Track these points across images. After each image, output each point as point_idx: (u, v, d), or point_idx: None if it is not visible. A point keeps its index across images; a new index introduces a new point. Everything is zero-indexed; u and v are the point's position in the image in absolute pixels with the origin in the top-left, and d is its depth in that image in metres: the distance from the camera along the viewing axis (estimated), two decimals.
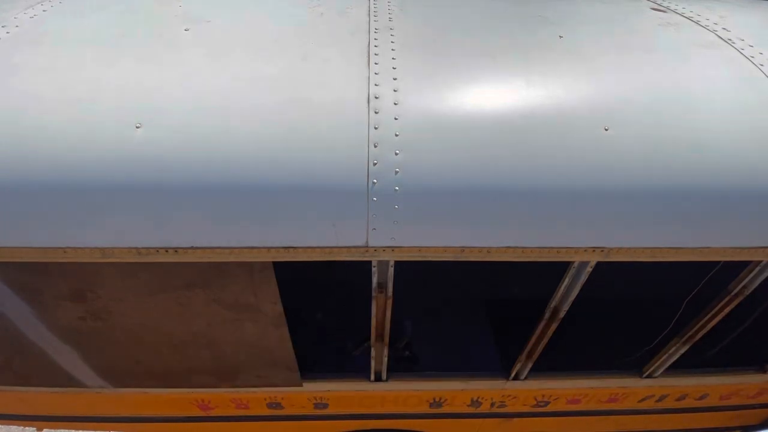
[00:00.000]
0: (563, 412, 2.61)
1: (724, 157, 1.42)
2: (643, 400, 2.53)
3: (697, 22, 1.84)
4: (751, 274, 1.73)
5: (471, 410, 2.52)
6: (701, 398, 2.56)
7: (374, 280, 1.64)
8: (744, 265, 1.71)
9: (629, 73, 1.58)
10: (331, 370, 2.42)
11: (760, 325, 2.62)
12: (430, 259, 1.46)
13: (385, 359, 2.10)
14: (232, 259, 1.43)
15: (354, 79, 1.47)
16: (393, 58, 1.55)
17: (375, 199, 1.35)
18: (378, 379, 2.26)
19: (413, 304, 3.00)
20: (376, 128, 1.37)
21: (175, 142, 1.34)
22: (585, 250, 1.47)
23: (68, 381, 2.12)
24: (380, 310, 1.78)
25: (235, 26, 1.71)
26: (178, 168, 1.32)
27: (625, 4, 2.04)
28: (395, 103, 1.42)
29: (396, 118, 1.39)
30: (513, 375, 2.26)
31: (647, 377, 2.33)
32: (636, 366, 2.37)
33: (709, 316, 1.93)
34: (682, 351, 2.12)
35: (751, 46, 1.68)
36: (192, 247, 1.38)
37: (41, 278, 1.60)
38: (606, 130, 1.42)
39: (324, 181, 1.34)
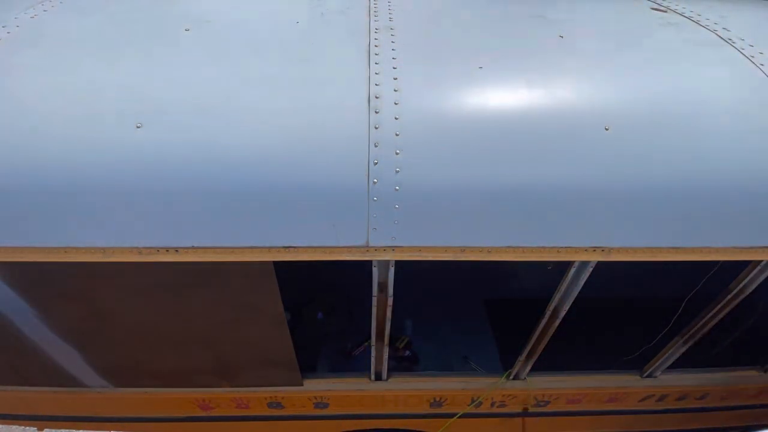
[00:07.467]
0: (563, 412, 2.61)
1: (724, 156, 1.42)
2: (643, 400, 2.53)
3: (697, 22, 1.84)
4: (751, 274, 1.73)
5: (471, 410, 2.52)
6: (701, 398, 2.55)
7: (375, 279, 1.65)
8: (744, 265, 1.71)
9: (629, 73, 1.58)
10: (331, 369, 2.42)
11: (760, 325, 2.63)
12: (430, 258, 1.46)
13: (386, 359, 2.10)
14: (232, 258, 1.43)
15: (354, 79, 1.47)
16: (393, 58, 1.55)
17: (375, 198, 1.35)
18: (378, 378, 2.26)
19: (413, 304, 3.00)
20: (376, 128, 1.37)
21: (175, 142, 1.34)
22: (585, 250, 1.47)
23: (69, 381, 2.12)
24: (381, 310, 1.78)
25: (236, 26, 1.71)
26: (179, 168, 1.33)
27: (626, 4, 2.04)
28: (395, 103, 1.42)
29: (396, 118, 1.39)
30: (513, 375, 2.26)
31: (647, 377, 2.33)
32: (636, 366, 2.37)
33: (709, 316, 1.93)
34: (682, 351, 2.12)
35: (752, 46, 1.67)
36: (193, 247, 1.39)
37: (42, 278, 1.61)
38: (606, 129, 1.42)
39: (324, 180, 1.34)
